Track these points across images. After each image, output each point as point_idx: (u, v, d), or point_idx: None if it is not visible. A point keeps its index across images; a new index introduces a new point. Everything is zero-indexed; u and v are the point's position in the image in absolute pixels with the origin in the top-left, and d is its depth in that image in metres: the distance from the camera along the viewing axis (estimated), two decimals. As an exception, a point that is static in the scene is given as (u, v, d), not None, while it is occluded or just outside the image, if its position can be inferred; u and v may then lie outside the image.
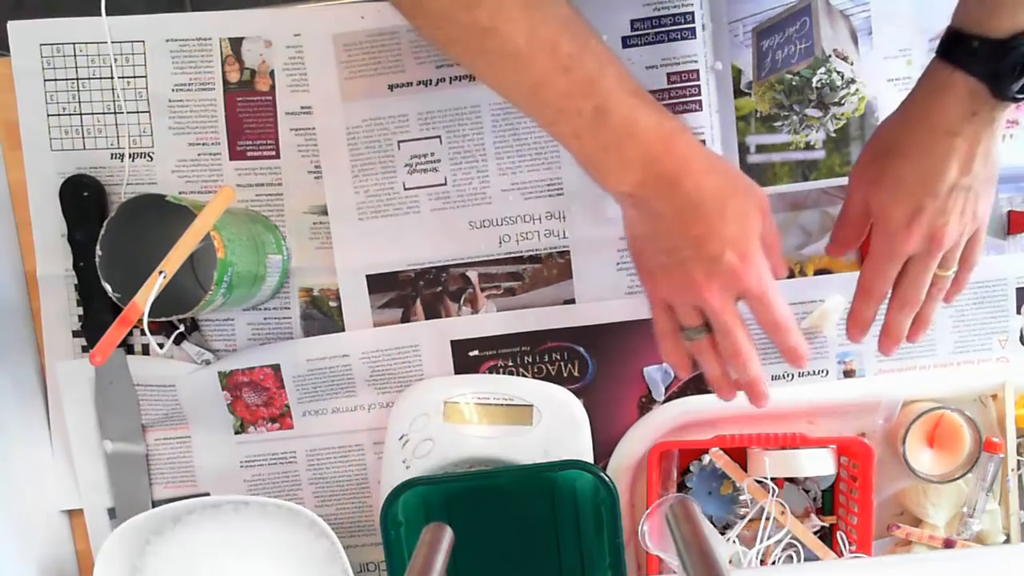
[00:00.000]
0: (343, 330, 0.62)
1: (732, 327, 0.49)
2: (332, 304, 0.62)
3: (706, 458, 0.60)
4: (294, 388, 0.62)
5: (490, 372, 0.62)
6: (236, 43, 0.61)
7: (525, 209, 0.61)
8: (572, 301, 0.62)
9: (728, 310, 0.49)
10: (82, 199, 0.60)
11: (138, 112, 0.61)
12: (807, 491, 0.62)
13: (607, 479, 0.55)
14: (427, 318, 0.62)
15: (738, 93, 0.60)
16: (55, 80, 0.60)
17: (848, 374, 0.62)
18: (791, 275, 0.61)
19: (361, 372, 0.62)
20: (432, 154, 0.61)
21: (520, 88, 0.44)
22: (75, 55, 0.60)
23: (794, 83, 0.60)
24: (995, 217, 0.61)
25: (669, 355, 0.53)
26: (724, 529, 0.61)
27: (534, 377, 0.62)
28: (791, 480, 0.61)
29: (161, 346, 0.61)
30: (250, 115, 0.61)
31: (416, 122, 0.61)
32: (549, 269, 0.62)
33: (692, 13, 0.59)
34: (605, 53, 0.45)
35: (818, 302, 0.61)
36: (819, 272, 0.61)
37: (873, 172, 0.51)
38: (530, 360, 0.62)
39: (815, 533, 0.60)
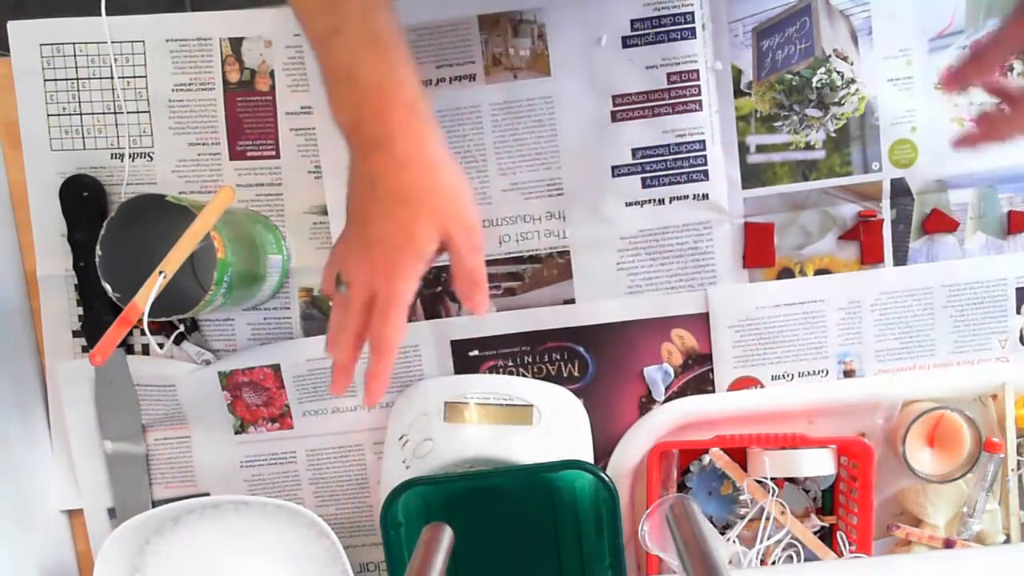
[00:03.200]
0: (343, 330, 0.62)
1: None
2: (332, 304, 0.62)
3: (706, 458, 0.60)
4: (294, 388, 0.62)
5: (490, 372, 0.62)
6: (236, 43, 0.61)
7: (525, 209, 0.61)
8: (572, 301, 0.62)
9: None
10: (82, 199, 0.60)
11: (138, 112, 0.61)
12: (807, 491, 0.62)
13: (607, 479, 0.55)
14: (427, 318, 0.62)
15: (738, 93, 0.60)
16: (55, 80, 0.60)
17: (848, 374, 0.62)
18: (791, 275, 0.61)
19: (361, 372, 0.62)
20: (432, 154, 0.61)
21: None
22: (75, 55, 0.60)
23: (794, 83, 0.60)
24: (995, 217, 0.61)
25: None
26: (724, 529, 0.61)
27: (534, 377, 0.62)
28: (791, 480, 0.61)
29: (161, 346, 0.61)
30: (250, 115, 0.61)
31: (416, 122, 0.61)
32: (549, 269, 0.62)
33: (692, 13, 0.59)
34: None
35: (818, 302, 0.60)
36: (819, 272, 0.61)
37: None
38: (530, 360, 0.62)
39: (815, 533, 0.60)
